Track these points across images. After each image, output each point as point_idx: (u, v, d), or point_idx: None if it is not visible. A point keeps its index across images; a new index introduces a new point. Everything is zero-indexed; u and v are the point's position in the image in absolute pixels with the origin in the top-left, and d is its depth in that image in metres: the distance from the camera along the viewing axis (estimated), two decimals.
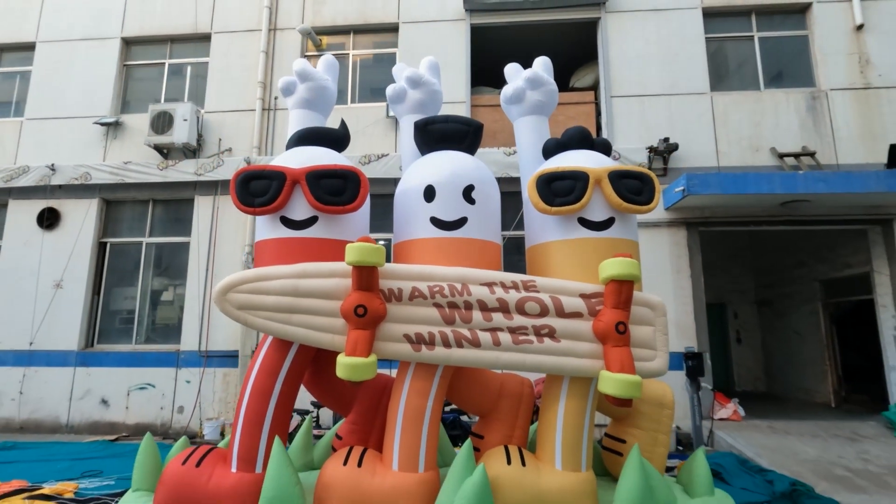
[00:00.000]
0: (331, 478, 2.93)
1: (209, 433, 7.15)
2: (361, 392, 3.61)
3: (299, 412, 6.50)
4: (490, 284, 3.04)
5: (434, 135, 3.55)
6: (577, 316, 3.02)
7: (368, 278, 2.88)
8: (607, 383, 2.82)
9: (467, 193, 3.25)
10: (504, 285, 3.05)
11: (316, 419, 6.83)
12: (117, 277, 8.69)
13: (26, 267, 8.40)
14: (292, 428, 5.09)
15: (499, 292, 3.03)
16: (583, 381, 3.08)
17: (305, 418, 4.07)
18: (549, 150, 3.66)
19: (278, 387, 3.06)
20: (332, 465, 3.00)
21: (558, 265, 3.27)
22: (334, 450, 3.60)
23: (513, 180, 5.91)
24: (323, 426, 7.01)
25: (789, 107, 8.02)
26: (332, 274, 3.01)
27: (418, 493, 2.90)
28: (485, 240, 3.30)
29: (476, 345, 2.97)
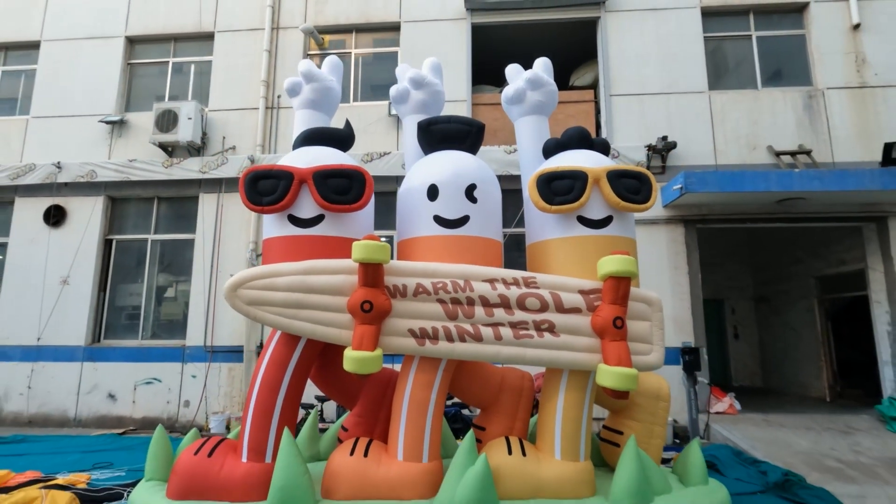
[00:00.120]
0: (338, 467, 3.01)
1: (215, 426, 7.25)
2: (367, 385, 3.69)
3: (303, 406, 6.59)
4: (492, 281, 3.12)
5: (437, 135, 3.60)
6: (576, 311, 3.10)
7: (374, 275, 2.95)
8: (605, 376, 2.92)
9: (469, 192, 3.31)
10: (505, 282, 3.12)
11: (320, 413, 6.93)
12: (123, 274, 8.76)
13: (33, 264, 8.47)
14: (297, 421, 5.17)
15: (500, 288, 3.10)
16: (581, 374, 3.17)
17: (311, 412, 4.17)
18: (548, 150, 3.72)
19: (287, 380, 3.13)
20: (340, 456, 3.08)
21: (558, 262, 3.35)
22: (340, 441, 3.68)
23: (513, 178, 5.96)
24: (327, 419, 7.12)
25: (786, 105, 8.07)
26: (339, 271, 3.07)
27: (422, 481, 2.99)
28: (486, 237, 3.36)
29: (478, 339, 3.06)
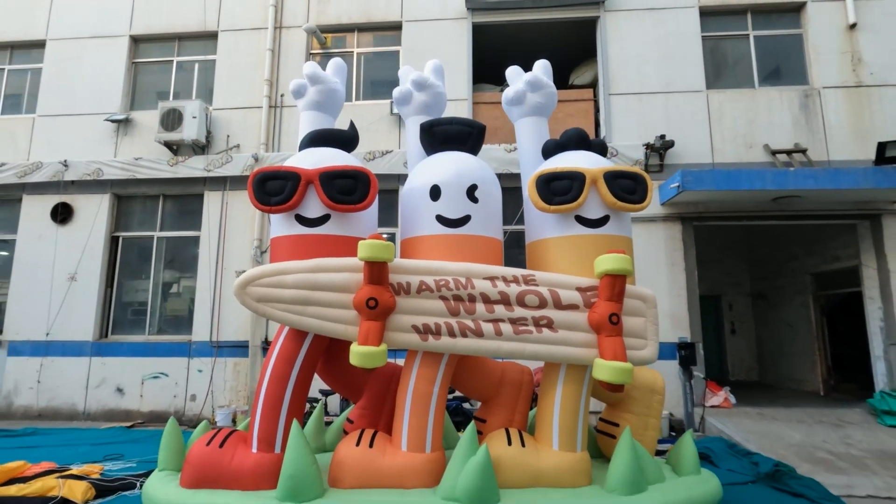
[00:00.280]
0: (344, 457, 3.14)
1: (221, 420, 7.38)
2: (371, 379, 3.82)
3: (308, 400, 6.72)
4: (492, 278, 3.23)
5: (439, 136, 3.70)
6: (574, 308, 3.22)
7: (379, 273, 3.07)
8: (601, 370, 3.05)
9: (471, 192, 3.41)
10: (505, 279, 3.24)
11: (325, 406, 7.06)
12: (130, 270, 8.87)
13: (41, 260, 8.57)
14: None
15: (500, 286, 3.22)
16: (578, 369, 3.30)
17: (316, 405, 4.30)
18: (548, 151, 3.83)
19: (295, 373, 3.25)
20: (346, 446, 3.21)
21: (556, 260, 3.47)
22: (346, 433, 3.81)
23: (513, 176, 6.05)
24: (331, 413, 7.26)
25: (783, 104, 8.13)
26: (345, 269, 3.18)
27: (426, 471, 3.12)
28: (487, 236, 3.48)
29: (479, 335, 3.17)
